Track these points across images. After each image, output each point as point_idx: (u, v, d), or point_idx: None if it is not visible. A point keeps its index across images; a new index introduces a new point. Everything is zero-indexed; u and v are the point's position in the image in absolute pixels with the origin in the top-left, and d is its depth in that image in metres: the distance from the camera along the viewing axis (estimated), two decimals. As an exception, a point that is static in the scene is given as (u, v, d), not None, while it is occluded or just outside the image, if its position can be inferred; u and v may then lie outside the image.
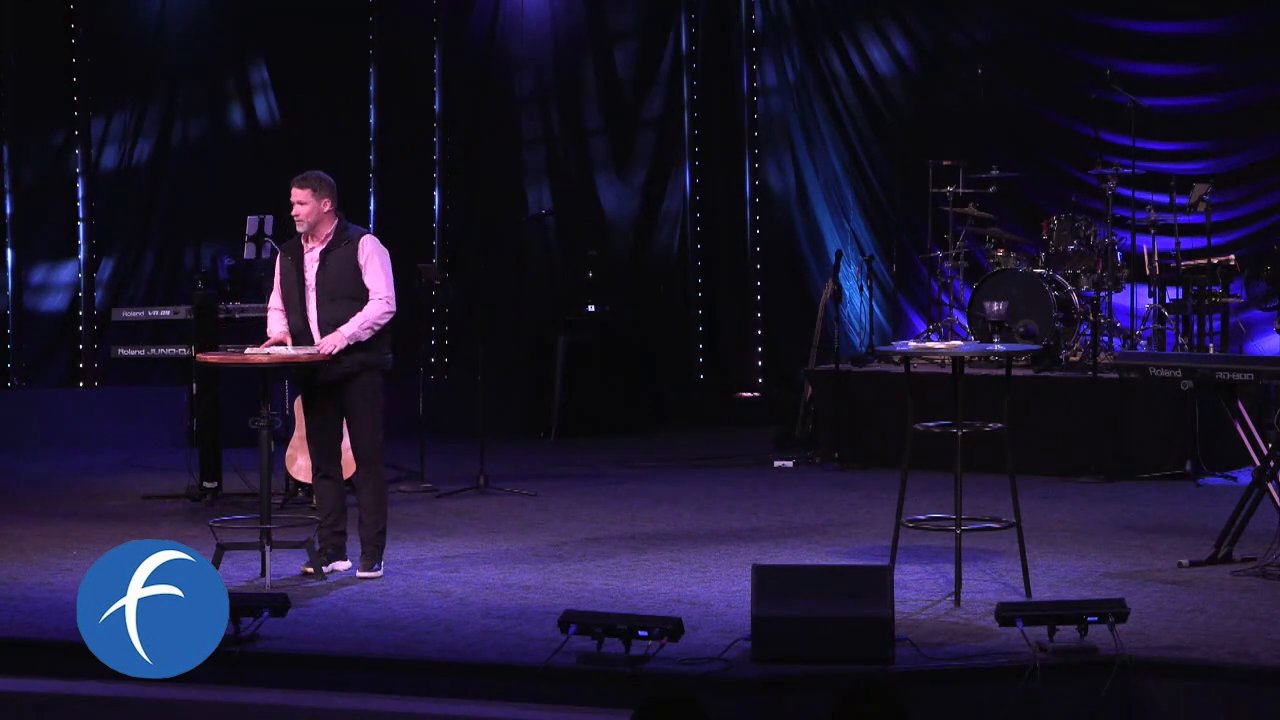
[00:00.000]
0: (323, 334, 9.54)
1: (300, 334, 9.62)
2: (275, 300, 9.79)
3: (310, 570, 9.57)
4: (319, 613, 8.82)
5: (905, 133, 15.88)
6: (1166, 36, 15.07)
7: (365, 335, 9.48)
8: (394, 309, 9.59)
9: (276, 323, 9.75)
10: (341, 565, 9.73)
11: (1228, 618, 8.46)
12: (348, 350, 9.48)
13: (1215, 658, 7.77)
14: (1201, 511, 11.20)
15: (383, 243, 9.79)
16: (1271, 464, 9.58)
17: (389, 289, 9.58)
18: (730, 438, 15.08)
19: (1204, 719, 7.60)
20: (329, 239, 9.61)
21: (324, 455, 9.70)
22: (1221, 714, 7.58)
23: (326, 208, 9.60)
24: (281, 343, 9.64)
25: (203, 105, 16.17)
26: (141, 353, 13.67)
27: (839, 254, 15.14)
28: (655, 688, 7.34)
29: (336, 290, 9.55)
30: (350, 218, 17.21)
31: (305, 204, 9.59)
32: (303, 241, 9.69)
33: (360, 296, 9.53)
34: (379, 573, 9.60)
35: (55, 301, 16.00)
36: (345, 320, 9.49)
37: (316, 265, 9.60)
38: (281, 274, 9.74)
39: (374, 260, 9.57)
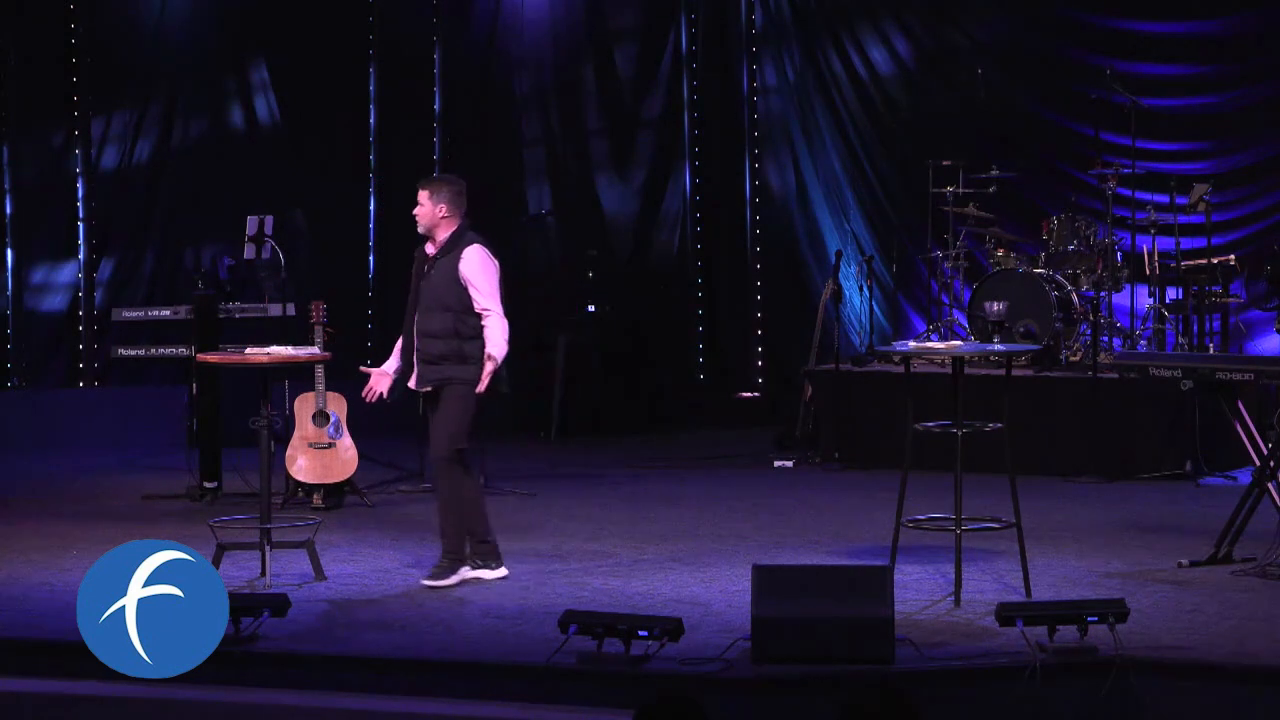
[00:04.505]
0: (420, 344, 9.37)
1: (409, 342, 9.47)
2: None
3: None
4: (319, 613, 8.82)
5: (905, 133, 15.89)
6: (1166, 36, 15.07)
7: (504, 350, 9.31)
8: (504, 321, 9.33)
9: (398, 350, 9.53)
10: (494, 574, 9.52)
11: (1228, 618, 8.47)
12: (437, 361, 9.33)
13: (1215, 658, 7.78)
14: (1201, 511, 11.19)
15: (384, 243, 9.76)
16: (1271, 464, 9.58)
17: (490, 300, 9.34)
18: (730, 438, 15.08)
19: (1204, 719, 7.60)
20: (441, 246, 9.43)
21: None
22: (1221, 714, 7.59)
23: (443, 213, 9.40)
24: (386, 374, 9.49)
25: (203, 105, 16.16)
26: (141, 353, 13.67)
27: (839, 254, 15.14)
28: (655, 688, 7.34)
29: (435, 301, 9.36)
30: (350, 217, 17.23)
31: (421, 206, 9.43)
32: (426, 246, 9.53)
33: (456, 309, 9.32)
34: (448, 581, 9.39)
35: (55, 301, 16.00)
36: (439, 331, 9.31)
37: (427, 273, 9.44)
38: (412, 277, 9.55)
39: (475, 274, 9.34)
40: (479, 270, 9.38)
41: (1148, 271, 13.92)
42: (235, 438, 12.17)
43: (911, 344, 10.39)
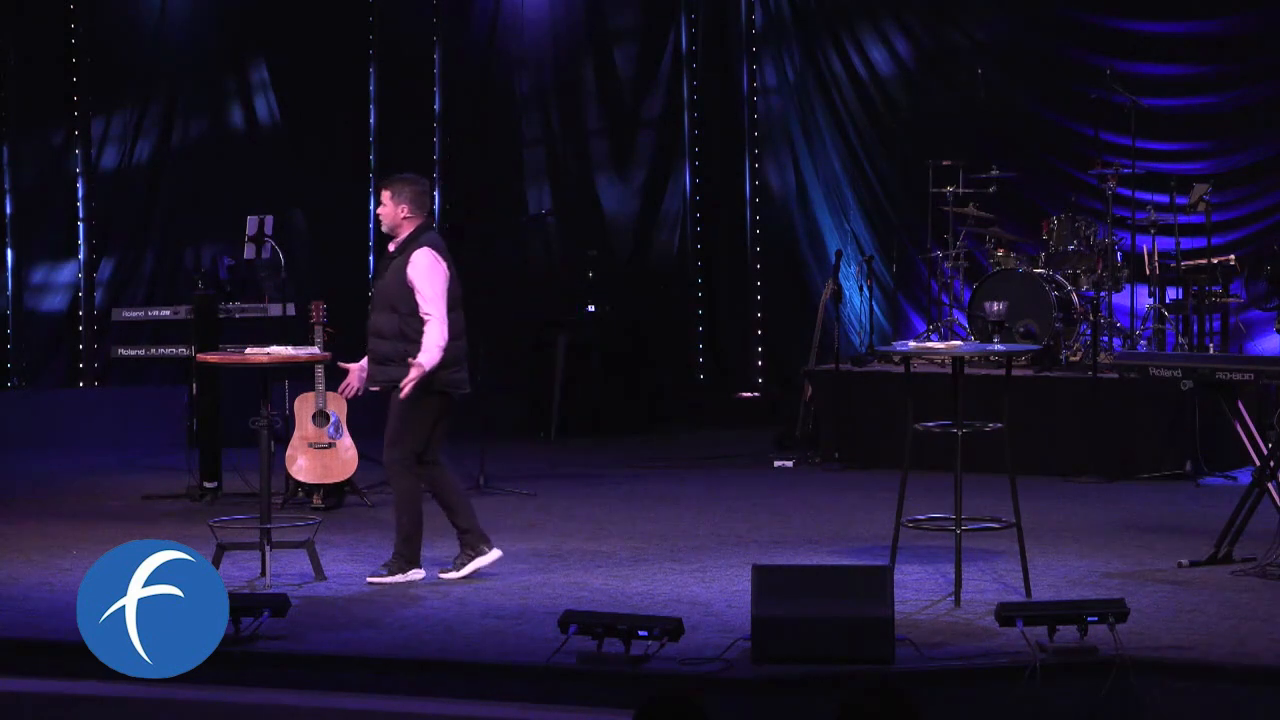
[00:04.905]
0: (370, 343, 9.49)
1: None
2: None
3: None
4: (319, 613, 8.82)
5: (905, 133, 15.88)
6: (1166, 36, 15.07)
7: (434, 359, 9.31)
8: (443, 329, 9.34)
9: None
10: (487, 560, 9.63)
11: (1228, 618, 8.47)
12: (384, 363, 9.43)
13: (1215, 658, 7.78)
14: (1201, 511, 11.19)
15: (383, 243, 9.76)
16: (1271, 464, 9.58)
17: (432, 305, 9.35)
18: (730, 438, 15.08)
19: (1204, 719, 7.60)
20: (398, 245, 9.51)
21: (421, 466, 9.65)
22: (1221, 714, 7.59)
23: (404, 213, 9.48)
24: (363, 369, 9.59)
25: (203, 105, 16.17)
26: (141, 353, 13.67)
27: (839, 254, 15.14)
28: (655, 688, 7.34)
29: (384, 301, 9.44)
30: (350, 217, 17.22)
31: (384, 205, 9.53)
32: (390, 244, 9.63)
33: (402, 311, 9.38)
34: (389, 580, 9.49)
35: (55, 301, 16.00)
36: (386, 331, 9.41)
37: (381, 272, 9.56)
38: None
39: (420, 278, 9.37)
40: (424, 274, 9.40)
41: (1148, 271, 13.92)
42: (235, 438, 12.17)
43: (911, 344, 10.39)
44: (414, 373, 9.30)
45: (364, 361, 9.65)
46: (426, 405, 9.43)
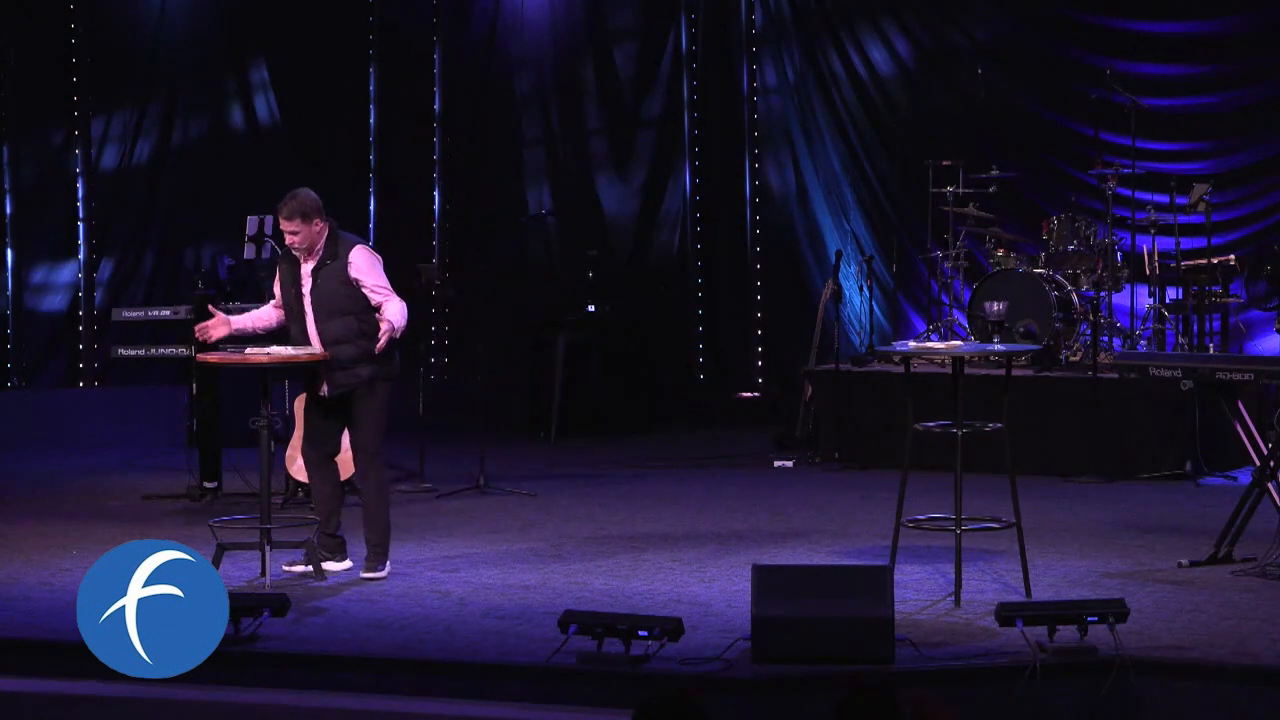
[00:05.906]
0: (330, 351, 9.48)
1: (299, 342, 9.64)
2: (276, 302, 9.80)
3: (310, 570, 9.58)
4: (319, 613, 8.82)
5: (905, 133, 15.89)
6: (1166, 36, 15.07)
7: (403, 320, 9.45)
8: (402, 303, 9.53)
9: (258, 316, 9.83)
10: (339, 566, 9.74)
11: (1228, 618, 8.47)
12: (351, 366, 9.47)
13: (1215, 658, 7.78)
14: (1201, 511, 11.20)
15: (383, 243, 9.79)
16: (1271, 464, 9.58)
17: (385, 291, 9.52)
18: (730, 438, 15.08)
19: (1204, 719, 7.60)
20: (320, 254, 9.59)
21: (322, 459, 9.72)
22: (1221, 714, 7.59)
23: (318, 228, 9.59)
24: (228, 324, 9.68)
25: (203, 105, 16.18)
26: (141, 353, 13.66)
27: (839, 254, 15.14)
28: (655, 688, 7.34)
29: (332, 307, 9.52)
30: (353, 218, 17.25)
31: (298, 233, 9.57)
32: (297, 254, 9.68)
33: (355, 310, 9.48)
34: (383, 574, 9.59)
35: (55, 301, 16.00)
36: (344, 335, 9.47)
37: (311, 282, 9.58)
38: (280, 283, 9.74)
39: (364, 273, 9.50)
40: (368, 268, 9.55)
41: (1148, 271, 13.92)
42: (235, 438, 12.18)
43: (911, 344, 10.38)
44: (384, 333, 9.39)
45: (238, 320, 9.77)
46: (387, 394, 9.61)
